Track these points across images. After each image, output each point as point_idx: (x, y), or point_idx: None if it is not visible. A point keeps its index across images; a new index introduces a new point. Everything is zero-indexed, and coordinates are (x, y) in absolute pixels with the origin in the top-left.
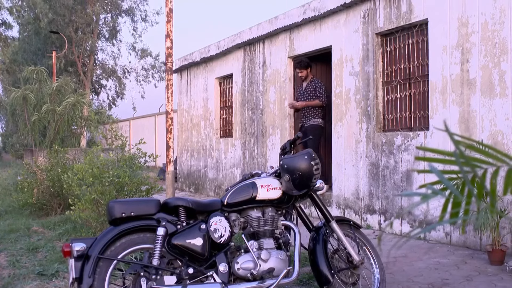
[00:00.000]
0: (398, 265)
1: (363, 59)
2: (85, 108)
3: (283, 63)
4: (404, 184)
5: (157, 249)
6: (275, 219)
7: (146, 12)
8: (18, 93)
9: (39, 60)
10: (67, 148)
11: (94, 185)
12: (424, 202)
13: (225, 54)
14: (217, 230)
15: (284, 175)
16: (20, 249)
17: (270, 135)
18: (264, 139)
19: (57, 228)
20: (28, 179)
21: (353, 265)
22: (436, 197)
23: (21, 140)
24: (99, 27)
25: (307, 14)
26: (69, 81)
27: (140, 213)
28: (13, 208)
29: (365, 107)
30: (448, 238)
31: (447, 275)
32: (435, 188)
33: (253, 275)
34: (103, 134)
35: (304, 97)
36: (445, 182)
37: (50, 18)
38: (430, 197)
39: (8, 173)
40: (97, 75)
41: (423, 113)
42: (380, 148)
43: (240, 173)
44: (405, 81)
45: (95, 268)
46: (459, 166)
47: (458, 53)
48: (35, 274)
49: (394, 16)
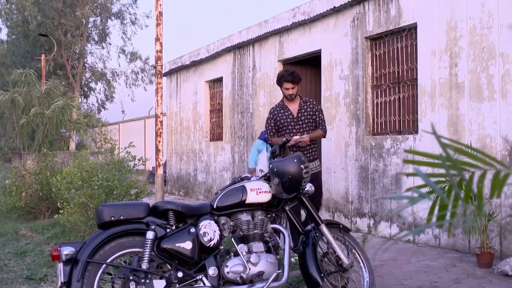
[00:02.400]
0: (387, 268)
1: (353, 63)
2: (74, 111)
3: (273, 67)
4: (394, 188)
5: (147, 253)
6: (264, 222)
7: (135, 15)
8: (7, 96)
9: (28, 63)
10: (56, 151)
11: (83, 189)
12: (411, 205)
13: (215, 57)
14: (207, 234)
15: (274, 179)
16: (8, 253)
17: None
18: (254, 142)
19: (46, 232)
20: (17, 182)
21: (342, 269)
22: (423, 200)
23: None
24: (88, 30)
25: (296, 18)
26: (58, 84)
27: (129, 217)
28: (1, 212)
29: (354, 110)
30: (437, 241)
31: (436, 278)
32: (422, 191)
33: (242, 278)
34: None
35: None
36: (431, 184)
37: (39, 21)
38: (417, 200)
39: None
40: (86, 78)
41: (412, 116)
42: (370, 152)
43: (229, 177)
44: (394, 84)
45: (84, 272)
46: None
47: (446, 57)
48: (24, 278)
49: (383, 20)
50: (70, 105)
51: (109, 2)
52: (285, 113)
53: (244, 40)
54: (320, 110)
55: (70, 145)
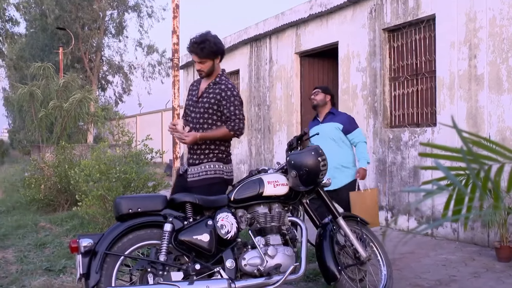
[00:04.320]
0: (405, 261)
1: (370, 55)
2: (92, 104)
3: (290, 59)
4: (412, 181)
5: (164, 245)
6: (281, 215)
7: (152, 8)
8: (25, 90)
9: (46, 57)
10: (74, 144)
11: (101, 181)
12: (428, 198)
13: (232, 50)
14: (224, 226)
15: (291, 171)
16: (27, 245)
17: (277, 131)
18: (271, 135)
19: (64, 224)
20: (36, 175)
21: (360, 262)
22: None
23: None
24: (105, 23)
25: (313, 10)
26: (75, 77)
27: (147, 209)
28: (21, 204)
29: (372, 103)
30: (456, 234)
31: (454, 271)
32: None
33: (260, 271)
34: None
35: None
36: (451, 178)
37: (56, 15)
38: (435, 193)
39: (16, 169)
40: (104, 71)
41: (430, 109)
42: (387, 144)
43: (246, 169)
44: (412, 77)
45: (102, 264)
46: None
47: (465, 48)
48: (43, 269)
49: (401, 11)
50: (87, 98)
51: None
52: (194, 92)
53: (261, 32)
54: (231, 98)
55: (88, 138)
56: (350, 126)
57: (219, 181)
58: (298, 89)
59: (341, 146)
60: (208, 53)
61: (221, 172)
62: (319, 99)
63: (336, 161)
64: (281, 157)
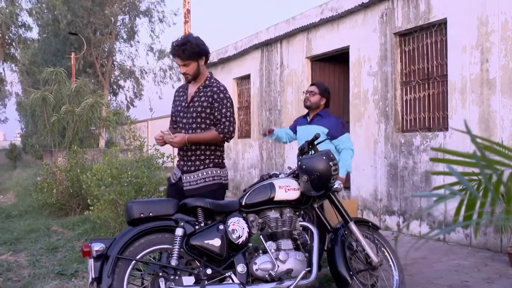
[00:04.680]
0: (417, 266)
1: (381, 59)
2: (103, 109)
3: (301, 64)
4: (423, 185)
5: (176, 249)
6: (293, 220)
7: (163, 13)
8: (38, 94)
9: (58, 61)
10: (86, 148)
11: (112, 186)
12: (440, 203)
13: (243, 54)
14: (235, 231)
15: (302, 176)
16: (40, 249)
17: None
18: None
19: (76, 228)
20: (48, 179)
21: (371, 267)
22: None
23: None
24: (117, 28)
25: (324, 14)
26: (87, 82)
27: (158, 214)
28: (33, 208)
29: (383, 107)
30: (468, 239)
31: (467, 277)
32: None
33: (271, 276)
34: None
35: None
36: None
37: (69, 20)
38: (447, 198)
39: (28, 173)
40: (115, 76)
41: (442, 113)
42: (399, 149)
43: (258, 174)
44: (424, 81)
45: (114, 268)
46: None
47: (477, 52)
48: (55, 273)
49: (412, 15)
50: (99, 103)
51: (137, 0)
52: (181, 97)
53: (272, 37)
54: (224, 100)
55: (100, 142)
56: (336, 131)
57: (218, 187)
58: None
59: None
60: (190, 54)
61: (219, 178)
62: (313, 101)
63: None
64: (292, 162)
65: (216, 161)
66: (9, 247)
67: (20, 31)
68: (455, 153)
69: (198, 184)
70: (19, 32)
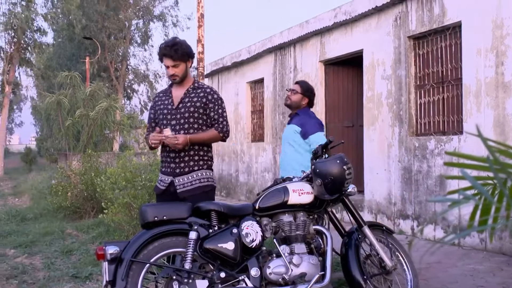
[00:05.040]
0: (432, 271)
1: (395, 63)
2: (118, 112)
3: (314, 67)
4: (438, 189)
5: (189, 253)
6: (306, 223)
7: (177, 17)
8: (53, 98)
9: (73, 66)
10: (100, 152)
11: (126, 189)
12: (454, 208)
13: (256, 58)
14: (249, 235)
15: (316, 180)
16: (54, 252)
17: None
18: None
19: (91, 231)
20: (62, 182)
21: (385, 271)
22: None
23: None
24: (131, 33)
25: (338, 18)
26: (102, 86)
27: (172, 217)
28: (48, 211)
29: (397, 111)
30: (483, 244)
31: (482, 282)
32: (467, 193)
33: (284, 280)
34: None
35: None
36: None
37: (83, 24)
38: (462, 202)
39: (43, 176)
40: (129, 80)
41: (457, 117)
42: (413, 153)
43: (271, 178)
44: (438, 84)
45: (128, 271)
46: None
47: (492, 55)
48: (69, 276)
49: (426, 19)
50: (113, 107)
51: (151, 5)
52: (165, 101)
53: (285, 40)
54: (218, 101)
55: (114, 146)
56: (309, 129)
57: (210, 189)
58: (323, 97)
59: (298, 151)
60: (183, 54)
61: (212, 180)
62: (294, 100)
63: (291, 167)
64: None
65: (209, 163)
66: (24, 250)
67: (36, 36)
68: (469, 157)
69: (193, 185)
70: (34, 36)
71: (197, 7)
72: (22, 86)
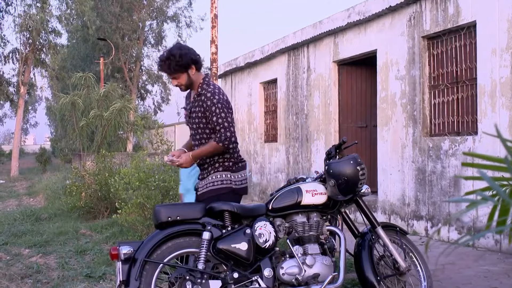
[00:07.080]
0: (446, 272)
1: (409, 63)
2: (131, 113)
3: (328, 68)
4: (452, 190)
5: (203, 253)
6: (320, 224)
7: (191, 18)
8: (67, 99)
9: (87, 67)
10: (114, 152)
11: (140, 189)
12: (472, 209)
13: (269, 59)
14: (262, 235)
15: (330, 180)
16: (68, 251)
17: (315, 139)
18: (309, 143)
19: (104, 231)
20: (76, 183)
21: (399, 272)
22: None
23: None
24: (145, 34)
25: (351, 18)
26: (116, 87)
27: (185, 217)
28: (62, 211)
29: (411, 111)
30: (498, 245)
31: (497, 283)
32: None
33: (298, 280)
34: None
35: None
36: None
37: (97, 26)
38: (479, 203)
39: (57, 177)
40: (143, 80)
41: (471, 117)
42: (427, 153)
43: (284, 178)
44: (453, 84)
45: (142, 271)
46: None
47: (508, 55)
48: (83, 276)
49: (441, 18)
50: (127, 107)
51: (165, 6)
52: (187, 106)
53: (299, 41)
54: (212, 108)
55: (128, 146)
56: None
57: (226, 192)
58: (336, 97)
59: None
60: (176, 68)
61: (229, 182)
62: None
63: None
64: (319, 166)
65: (226, 164)
66: (39, 250)
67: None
68: (485, 157)
69: (207, 188)
70: (49, 38)
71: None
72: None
